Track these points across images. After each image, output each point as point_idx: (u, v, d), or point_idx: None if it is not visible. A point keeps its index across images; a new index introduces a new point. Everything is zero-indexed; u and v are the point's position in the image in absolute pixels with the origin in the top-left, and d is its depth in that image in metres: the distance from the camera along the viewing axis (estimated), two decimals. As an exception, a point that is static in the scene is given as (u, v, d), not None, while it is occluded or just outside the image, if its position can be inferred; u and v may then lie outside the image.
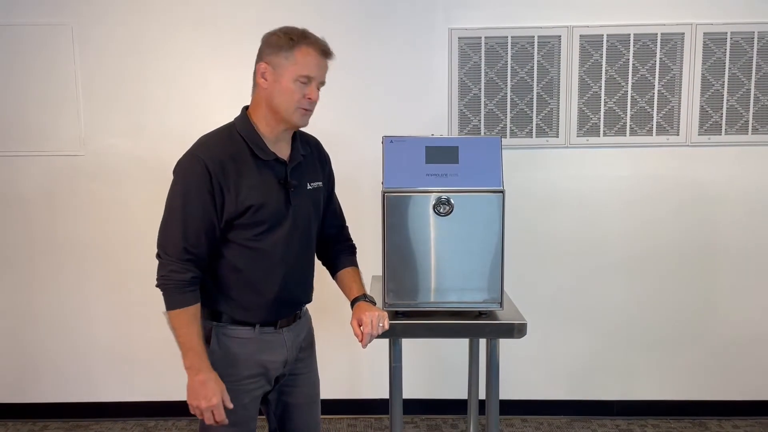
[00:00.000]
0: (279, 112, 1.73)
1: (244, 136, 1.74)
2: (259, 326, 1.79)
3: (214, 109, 3.10)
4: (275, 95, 1.72)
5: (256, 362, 1.80)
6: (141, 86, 3.14)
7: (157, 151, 3.16)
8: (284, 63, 1.70)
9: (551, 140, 3.14)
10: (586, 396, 3.32)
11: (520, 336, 1.85)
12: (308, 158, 1.86)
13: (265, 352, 1.81)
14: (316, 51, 1.72)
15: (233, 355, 1.78)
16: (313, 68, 1.73)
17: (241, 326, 1.78)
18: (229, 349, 1.78)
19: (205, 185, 1.68)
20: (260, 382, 1.82)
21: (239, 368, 1.78)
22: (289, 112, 1.73)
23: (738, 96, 3.09)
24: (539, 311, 3.13)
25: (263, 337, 1.80)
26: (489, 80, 3.11)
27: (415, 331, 1.88)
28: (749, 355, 3.26)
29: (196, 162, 1.69)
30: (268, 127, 1.76)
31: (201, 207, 1.68)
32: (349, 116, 3.17)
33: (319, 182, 1.88)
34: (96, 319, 3.28)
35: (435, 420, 3.31)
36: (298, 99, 1.72)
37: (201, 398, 1.69)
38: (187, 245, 1.68)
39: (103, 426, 3.27)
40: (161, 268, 1.71)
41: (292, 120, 1.75)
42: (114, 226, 3.22)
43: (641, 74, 3.09)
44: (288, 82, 1.70)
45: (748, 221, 3.19)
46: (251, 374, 1.80)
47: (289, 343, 1.86)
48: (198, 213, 1.69)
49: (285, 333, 1.85)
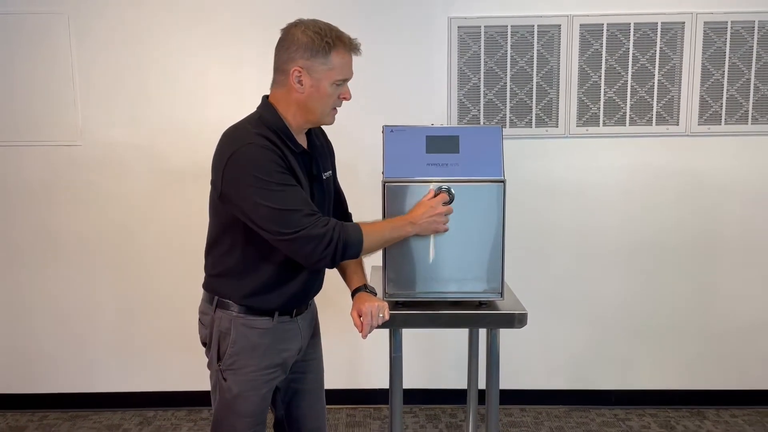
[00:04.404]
0: (314, 114, 1.74)
1: (277, 129, 1.71)
2: (278, 315, 1.79)
3: (213, 100, 3.12)
4: (312, 100, 1.71)
5: (275, 352, 1.81)
6: (139, 76, 3.11)
7: (155, 141, 3.14)
8: (321, 68, 1.68)
9: (551, 130, 3.13)
10: (585, 386, 3.32)
11: (520, 326, 1.84)
12: (320, 148, 1.87)
13: (284, 341, 1.82)
14: (350, 52, 1.72)
15: (253, 345, 1.78)
16: (349, 71, 1.74)
17: (260, 316, 1.78)
18: (249, 340, 1.77)
19: (279, 161, 1.64)
20: (278, 371, 1.83)
21: (260, 358, 1.78)
22: (325, 114, 1.75)
23: (738, 86, 3.08)
24: (538, 301, 3.10)
25: (281, 326, 1.81)
26: (488, 70, 3.09)
27: (416, 321, 1.87)
28: (748, 344, 3.26)
29: (260, 149, 1.63)
30: (294, 121, 1.75)
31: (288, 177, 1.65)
32: (347, 105, 3.14)
33: (329, 171, 1.89)
34: (95, 309, 3.27)
35: (434, 410, 3.31)
36: (334, 101, 1.74)
37: (434, 210, 1.78)
38: (309, 210, 1.65)
39: (102, 416, 3.27)
40: (311, 242, 1.63)
41: (325, 121, 1.78)
42: (112, 217, 3.21)
43: (641, 64, 3.08)
44: (326, 87, 1.70)
45: (747, 211, 3.18)
46: (271, 364, 1.80)
47: (304, 330, 1.88)
48: (291, 182, 1.65)
49: (300, 321, 1.86)
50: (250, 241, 1.70)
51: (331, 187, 1.90)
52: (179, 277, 3.19)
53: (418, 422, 3.20)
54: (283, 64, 1.71)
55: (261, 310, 1.78)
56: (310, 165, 1.78)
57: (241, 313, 1.77)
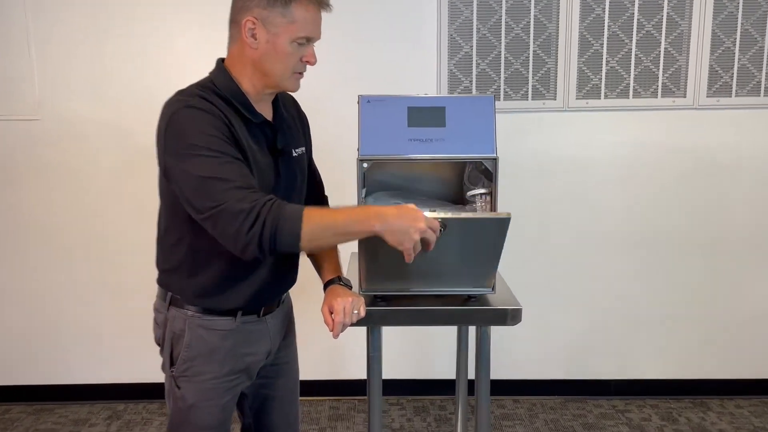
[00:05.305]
0: (271, 77, 1.49)
1: (229, 95, 1.47)
2: (241, 315, 1.57)
3: (181, 70, 2.80)
4: (268, 59, 1.46)
5: (238, 356, 1.58)
6: (101, 45, 2.87)
7: (120, 114, 2.91)
8: (279, 21, 1.43)
9: (548, 103, 2.93)
10: (582, 375, 3.16)
11: (513, 323, 1.64)
12: (290, 121, 1.62)
13: (249, 344, 1.60)
14: (316, 5, 1.46)
15: (212, 349, 1.55)
16: (315, 29, 1.48)
17: (220, 316, 1.55)
18: (206, 343, 1.55)
19: (221, 127, 1.39)
20: (241, 378, 1.61)
21: (220, 364, 1.56)
22: (285, 77, 1.49)
23: (750, 54, 2.87)
24: (533, 286, 2.97)
25: (245, 327, 1.58)
26: (481, 37, 2.87)
27: (396, 318, 1.66)
28: (754, 331, 3.10)
29: (198, 111, 1.39)
30: (252, 86, 1.50)
31: (229, 147, 1.39)
32: (327, 74, 2.85)
33: (302, 148, 1.65)
34: (60, 296, 3.06)
35: (422, 401, 3.14)
36: (295, 63, 1.48)
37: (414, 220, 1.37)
38: (242, 183, 1.36)
39: (68, 410, 3.08)
40: (235, 219, 1.32)
41: (285, 86, 1.52)
42: (77, 196, 2.98)
43: (646, 30, 2.86)
44: (284, 44, 1.45)
45: (759, 191, 2.99)
46: (233, 370, 1.58)
47: (273, 331, 1.65)
48: (231, 152, 1.38)
49: (269, 320, 1.63)
50: (199, 230, 1.44)
51: (303, 165, 1.66)
52: (150, 261, 2.92)
53: (405, 415, 3.02)
54: (236, 14, 1.47)
55: (220, 310, 1.55)
56: (273, 138, 1.55)
57: (197, 313, 1.55)
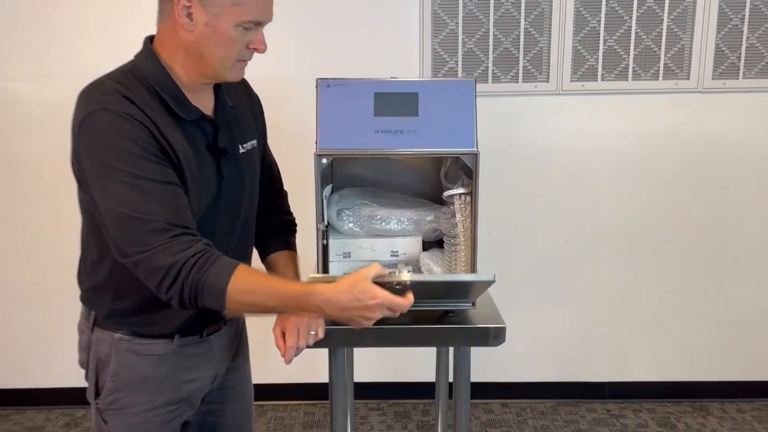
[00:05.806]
0: (209, 65, 1.24)
1: (157, 86, 1.23)
2: (179, 337, 1.34)
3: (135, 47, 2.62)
4: (206, 44, 1.21)
5: (176, 384, 1.36)
6: (46, 19, 2.61)
7: (67, 96, 2.63)
8: (222, 1, 1.18)
9: (540, 85, 2.70)
10: (574, 377, 2.99)
11: (496, 343, 1.43)
12: (237, 110, 1.38)
13: (189, 370, 1.37)
14: None
15: (144, 377, 1.33)
16: (265, 12, 1.23)
17: (153, 339, 1.33)
18: (137, 370, 1.33)
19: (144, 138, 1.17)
20: (182, 408, 1.39)
21: (153, 394, 1.34)
22: (225, 66, 1.25)
23: (759, 33, 2.67)
24: (521, 284, 2.78)
25: (185, 350, 1.36)
26: (468, 13, 2.64)
27: (360, 339, 1.44)
28: (756, 331, 2.94)
29: (116, 117, 1.16)
30: (186, 75, 1.26)
31: (154, 166, 1.17)
32: (291, 55, 2.63)
33: (253, 140, 1.41)
34: (11, 294, 2.85)
35: (404, 405, 2.95)
36: (240, 50, 1.24)
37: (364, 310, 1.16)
38: (169, 219, 1.16)
39: (24, 416, 2.88)
40: (155, 274, 1.14)
41: (225, 76, 1.27)
42: (25, 186, 2.75)
43: (647, 6, 2.64)
44: (227, 28, 1.20)
45: (766, 182, 2.79)
46: (171, 400, 1.36)
47: (220, 352, 1.43)
48: (157, 175, 1.17)
49: (214, 341, 1.41)
50: None
51: (254, 161, 1.43)
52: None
53: (385, 422, 2.83)
54: None
55: (153, 333, 1.33)
56: (214, 135, 1.31)
57: (126, 336, 1.32)
